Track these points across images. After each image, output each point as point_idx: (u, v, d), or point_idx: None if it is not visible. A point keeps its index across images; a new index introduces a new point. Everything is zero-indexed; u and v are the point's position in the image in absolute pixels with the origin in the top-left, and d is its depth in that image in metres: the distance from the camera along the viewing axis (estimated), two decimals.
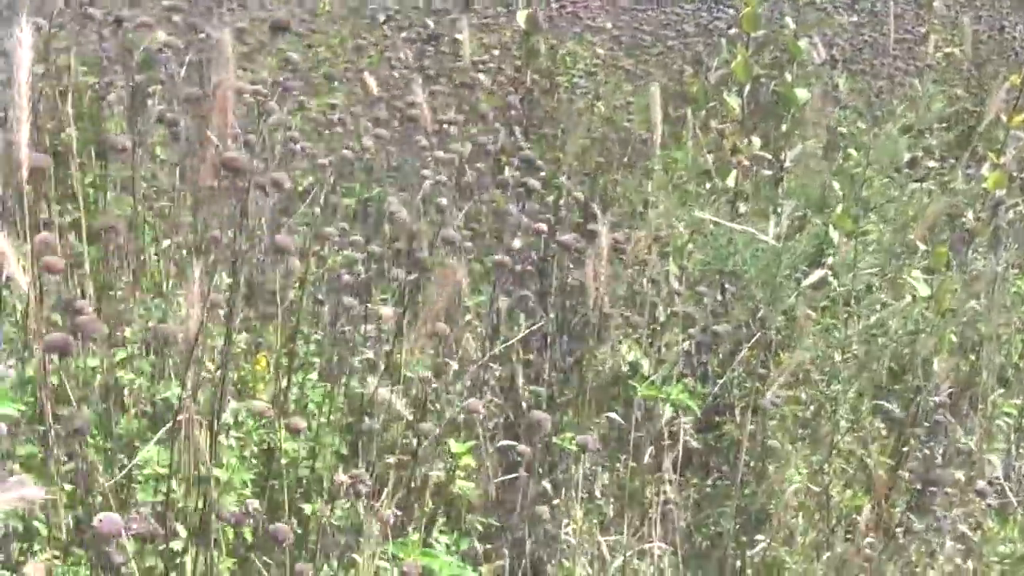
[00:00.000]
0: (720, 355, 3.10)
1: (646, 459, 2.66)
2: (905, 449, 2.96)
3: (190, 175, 1.94)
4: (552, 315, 2.73)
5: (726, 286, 3.10)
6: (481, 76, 3.44)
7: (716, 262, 2.86)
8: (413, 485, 2.30)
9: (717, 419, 3.02)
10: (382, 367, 2.30)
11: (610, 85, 3.69)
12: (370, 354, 2.23)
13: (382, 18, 3.95)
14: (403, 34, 3.77)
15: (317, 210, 2.45)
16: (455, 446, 2.15)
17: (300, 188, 2.43)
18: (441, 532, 2.46)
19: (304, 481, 2.47)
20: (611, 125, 3.51)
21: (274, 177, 1.64)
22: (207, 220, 1.94)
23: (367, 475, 1.94)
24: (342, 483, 1.89)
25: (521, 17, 3.54)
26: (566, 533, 2.38)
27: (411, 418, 2.20)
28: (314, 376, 2.53)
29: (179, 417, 1.77)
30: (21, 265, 1.66)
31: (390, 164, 2.61)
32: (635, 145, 3.35)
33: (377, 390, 2.23)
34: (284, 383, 2.41)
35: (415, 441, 2.21)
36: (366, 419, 2.33)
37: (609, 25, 4.28)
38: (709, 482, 2.94)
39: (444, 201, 2.18)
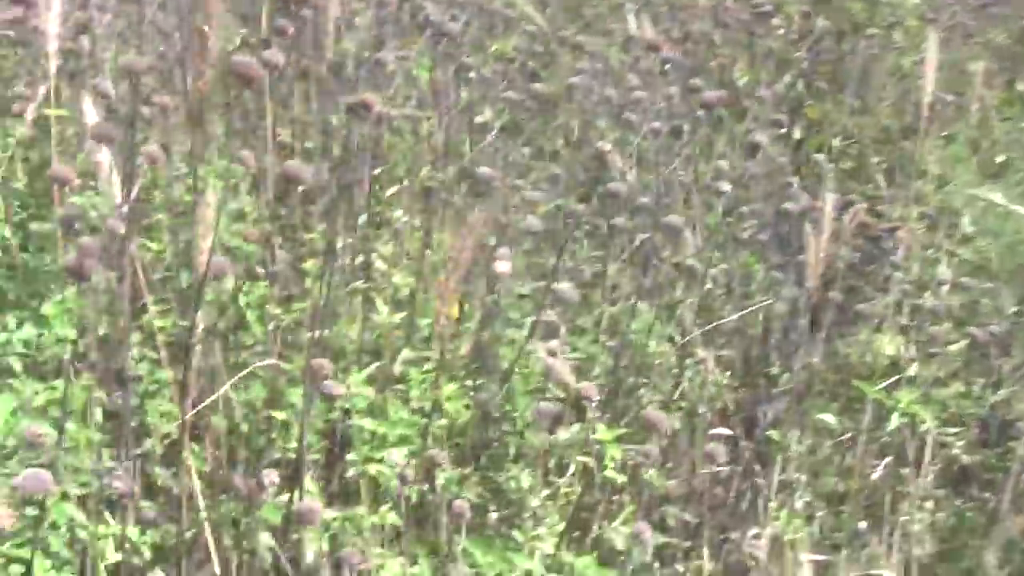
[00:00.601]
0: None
1: (879, 470, 2.28)
2: None
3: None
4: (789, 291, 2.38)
5: None
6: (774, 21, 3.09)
7: (1002, 252, 2.41)
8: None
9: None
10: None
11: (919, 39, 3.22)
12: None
13: None
14: None
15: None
16: (601, 432, 1.87)
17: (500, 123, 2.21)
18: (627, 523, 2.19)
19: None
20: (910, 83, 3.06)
21: (364, 99, 1.42)
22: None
23: (444, 455, 1.71)
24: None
25: None
26: (752, 543, 2.05)
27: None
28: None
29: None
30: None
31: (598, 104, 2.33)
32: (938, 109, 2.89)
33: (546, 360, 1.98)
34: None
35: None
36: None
37: None
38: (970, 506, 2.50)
39: (608, 145, 1.90)
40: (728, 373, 2.48)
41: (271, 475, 1.56)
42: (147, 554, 1.78)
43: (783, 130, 2.47)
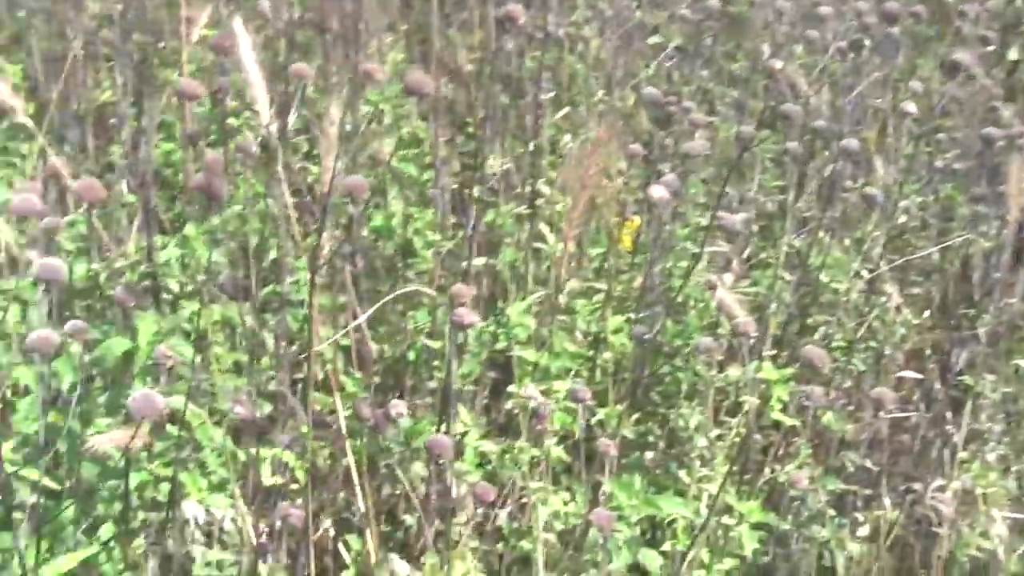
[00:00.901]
0: None
1: None
2: None
3: None
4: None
5: None
6: None
7: None
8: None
9: None
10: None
11: None
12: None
13: None
14: None
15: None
16: (767, 371, 1.75)
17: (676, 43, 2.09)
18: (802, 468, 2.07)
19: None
20: None
21: (509, 11, 1.34)
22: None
23: (587, 392, 1.63)
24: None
25: None
26: (936, 495, 1.91)
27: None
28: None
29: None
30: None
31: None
32: None
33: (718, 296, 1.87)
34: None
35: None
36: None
37: None
38: None
39: (779, 63, 1.75)
40: (926, 313, 2.32)
41: (399, 406, 1.52)
42: (301, 479, 1.78)
43: (993, 49, 2.25)
